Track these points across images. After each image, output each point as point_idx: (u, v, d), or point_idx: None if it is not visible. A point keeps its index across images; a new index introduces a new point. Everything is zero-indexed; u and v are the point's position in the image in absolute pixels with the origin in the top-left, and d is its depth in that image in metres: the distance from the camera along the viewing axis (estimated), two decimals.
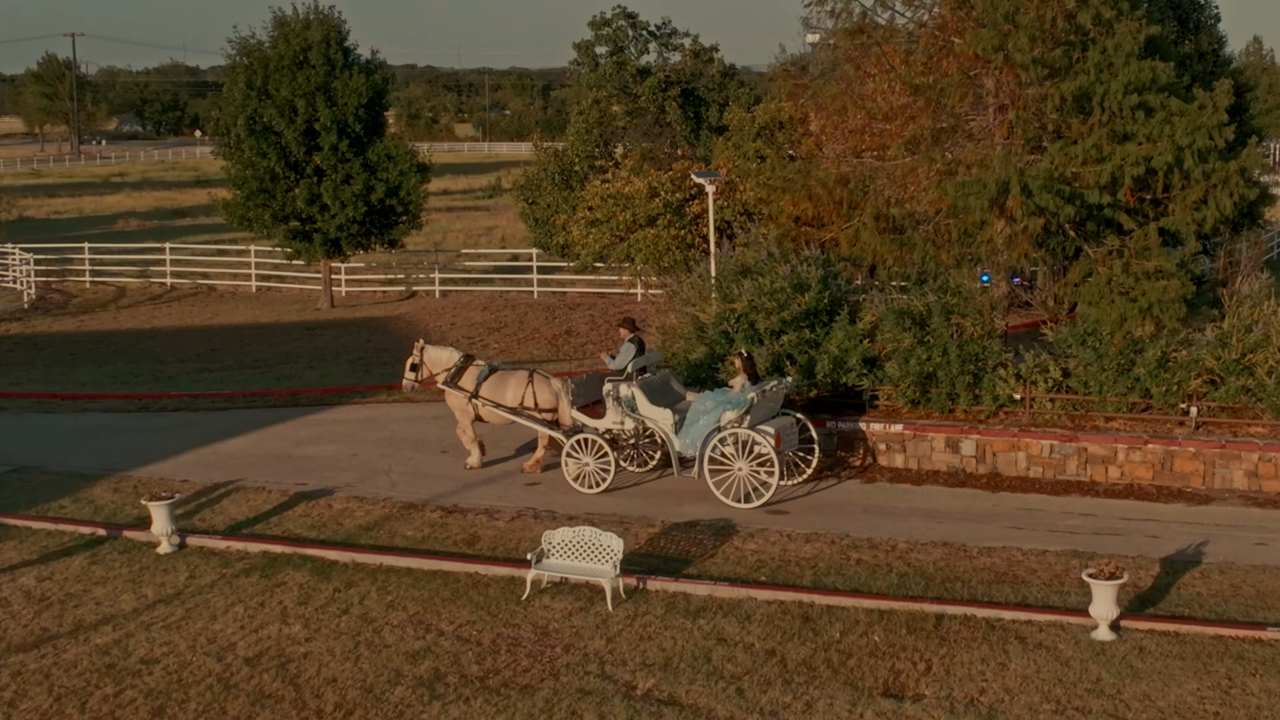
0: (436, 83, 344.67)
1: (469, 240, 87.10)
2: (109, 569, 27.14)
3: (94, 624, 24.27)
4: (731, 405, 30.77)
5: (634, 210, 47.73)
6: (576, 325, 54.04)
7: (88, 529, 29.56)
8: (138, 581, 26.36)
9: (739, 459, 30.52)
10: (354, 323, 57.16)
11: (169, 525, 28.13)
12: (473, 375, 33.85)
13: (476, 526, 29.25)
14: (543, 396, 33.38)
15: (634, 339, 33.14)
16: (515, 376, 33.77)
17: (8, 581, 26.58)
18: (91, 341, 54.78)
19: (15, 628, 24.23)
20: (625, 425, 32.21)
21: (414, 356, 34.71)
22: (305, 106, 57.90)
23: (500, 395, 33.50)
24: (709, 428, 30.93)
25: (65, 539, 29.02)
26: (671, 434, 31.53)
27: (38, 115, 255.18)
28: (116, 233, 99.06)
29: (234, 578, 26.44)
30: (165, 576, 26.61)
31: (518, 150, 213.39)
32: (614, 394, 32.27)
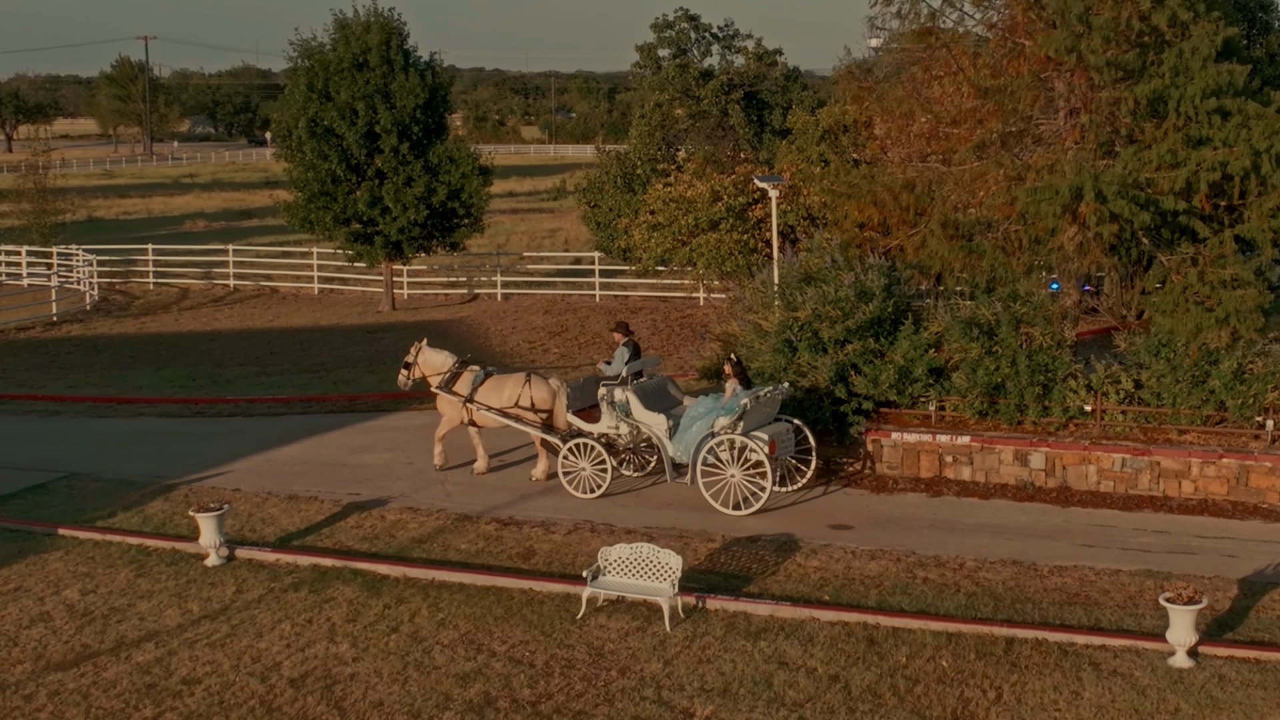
0: (504, 85, 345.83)
1: (532, 242, 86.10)
2: (155, 582, 26.16)
3: (136, 640, 23.31)
4: (724, 411, 30.14)
5: (696, 214, 46.54)
6: (639, 329, 52.68)
7: (135, 540, 28.60)
8: (183, 596, 25.37)
9: (732, 465, 29.87)
10: (415, 326, 56.07)
11: (217, 537, 27.14)
12: (468, 380, 33.17)
13: (532, 540, 28.16)
14: (539, 396, 32.65)
15: (628, 343, 32.85)
16: (512, 379, 33.10)
17: (51, 594, 25.65)
18: (151, 344, 53.95)
19: (56, 644, 23.29)
20: (620, 430, 31.41)
21: (409, 355, 33.93)
22: (366, 109, 56.91)
23: (497, 398, 32.80)
24: (702, 433, 30.32)
25: (112, 550, 28.06)
26: (665, 439, 30.88)
27: (111, 117, 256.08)
28: (184, 233, 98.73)
29: (282, 592, 25.43)
30: (212, 590, 25.61)
31: (583, 152, 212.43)
32: (608, 398, 31.50)
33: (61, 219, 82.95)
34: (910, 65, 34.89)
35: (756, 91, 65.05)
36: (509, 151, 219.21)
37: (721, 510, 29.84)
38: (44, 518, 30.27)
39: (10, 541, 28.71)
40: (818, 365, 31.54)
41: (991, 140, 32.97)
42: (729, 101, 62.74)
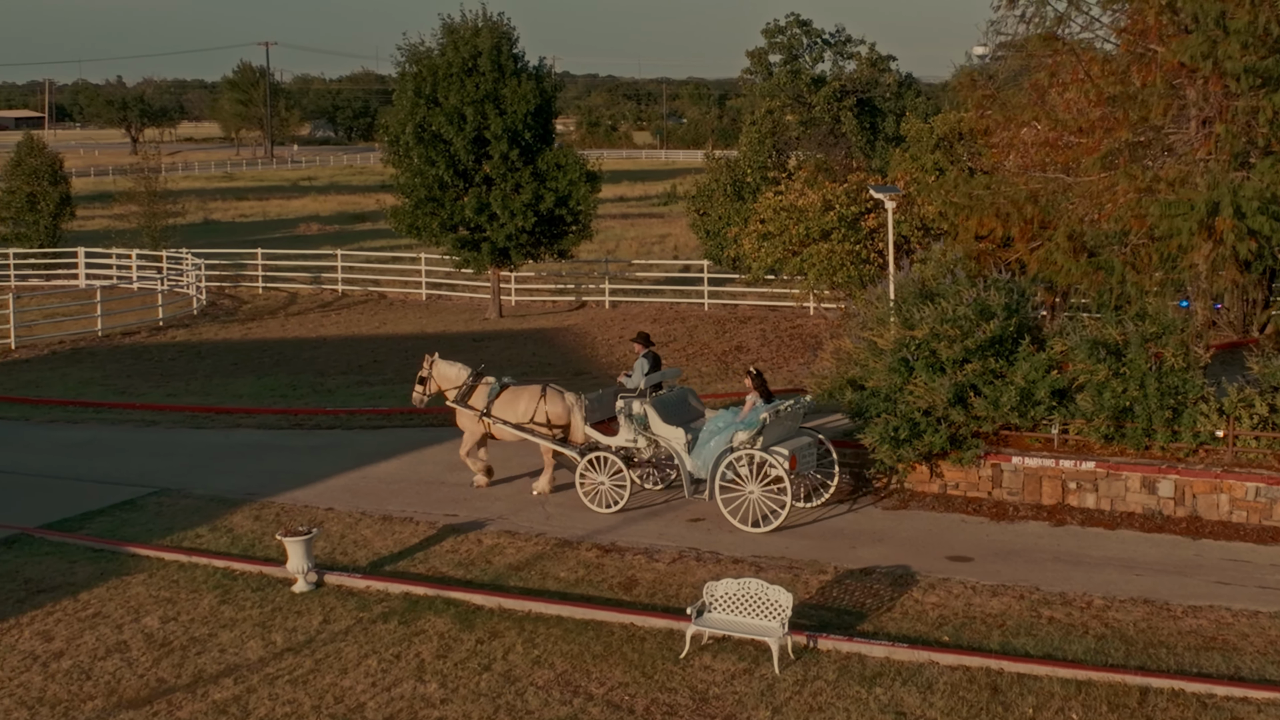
0: (617, 91, 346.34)
1: (641, 248, 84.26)
2: (239, 609, 24.46)
3: (215, 675, 21.65)
4: (744, 425, 28.88)
5: (807, 224, 44.53)
6: (747, 340, 50.83)
7: (221, 562, 26.94)
8: (267, 626, 23.65)
9: (751, 481, 28.58)
10: (521, 334, 54.37)
11: (305, 562, 25.42)
12: (483, 393, 31.73)
13: (634, 568, 26.22)
14: (554, 411, 31.16)
15: (648, 354, 31.59)
16: (527, 392, 31.60)
17: (130, 622, 24.03)
18: (255, 350, 52.48)
19: (130, 678, 21.69)
20: (639, 443, 30.08)
21: (423, 369, 32.43)
22: (474, 114, 55.24)
23: (512, 412, 31.32)
24: (720, 448, 29.00)
25: (197, 573, 26.41)
26: (684, 453, 29.56)
27: (233, 121, 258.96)
28: (297, 236, 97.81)
29: (371, 623, 23.65)
30: (298, 620, 23.88)
31: (693, 158, 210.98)
32: (626, 411, 30.23)
33: (172, 222, 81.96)
34: (1035, 71, 32.77)
35: (869, 98, 62.93)
36: (620, 156, 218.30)
37: (740, 527, 28.47)
38: (130, 536, 28.72)
39: (94, 562, 27.16)
40: (935, 386, 29.41)
41: (1119, 150, 30.78)
42: (841, 108, 60.77)
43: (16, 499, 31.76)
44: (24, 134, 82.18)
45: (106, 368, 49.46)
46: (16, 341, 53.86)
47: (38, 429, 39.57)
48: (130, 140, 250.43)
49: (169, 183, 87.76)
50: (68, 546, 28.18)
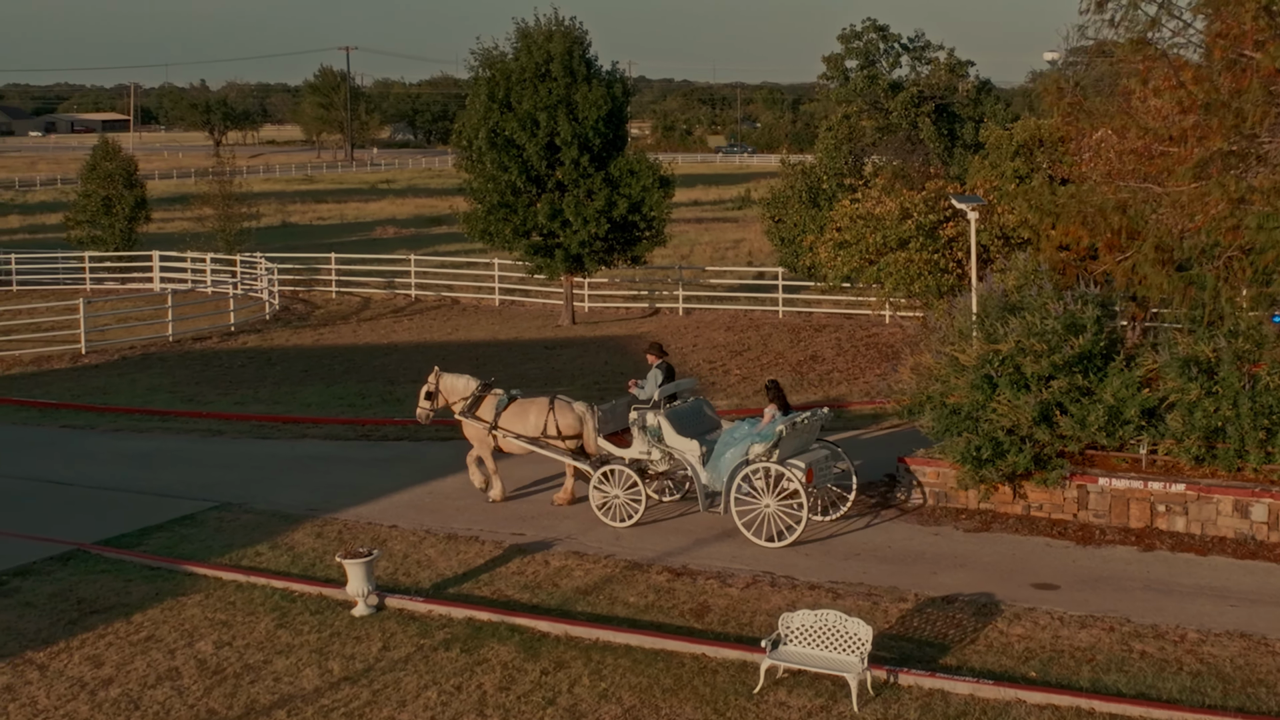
0: (692, 96, 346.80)
1: (715, 253, 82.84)
2: (296, 634, 23.21)
3: (267, 707, 20.42)
4: (760, 438, 27.91)
5: (884, 232, 43.00)
6: (822, 350, 49.34)
7: (280, 583, 25.70)
8: (324, 653, 22.38)
9: (766, 494, 27.63)
10: (594, 341, 53.05)
11: (366, 585, 24.17)
12: (491, 405, 30.80)
13: (707, 594, 24.82)
14: (565, 422, 30.21)
15: (662, 365, 30.66)
16: (536, 404, 30.63)
17: (184, 647, 22.82)
18: (326, 357, 51.27)
19: (180, 709, 20.50)
20: (652, 455, 29.21)
21: (429, 384, 31.48)
22: (547, 120, 53.94)
23: (521, 424, 30.33)
24: (736, 460, 28.03)
25: (255, 594, 25.18)
26: (698, 466, 28.61)
27: (314, 124, 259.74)
28: (373, 240, 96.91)
29: (432, 651, 22.36)
30: (356, 647, 22.60)
31: (767, 162, 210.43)
32: (640, 423, 29.30)
33: (249, 225, 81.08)
34: (1123, 77, 31.16)
35: (947, 104, 61.26)
36: (695, 160, 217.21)
37: (755, 541, 27.47)
38: (188, 554, 27.56)
39: (149, 581, 25.99)
40: (1019, 404, 27.88)
41: (1211, 159, 29.12)
42: (919, 114, 59.11)
43: (76, 513, 30.72)
44: (99, 138, 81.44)
45: (175, 374, 48.44)
46: (87, 346, 52.89)
47: (102, 438, 38.57)
48: (213, 143, 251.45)
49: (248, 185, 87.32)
50: (124, 564, 27.05)
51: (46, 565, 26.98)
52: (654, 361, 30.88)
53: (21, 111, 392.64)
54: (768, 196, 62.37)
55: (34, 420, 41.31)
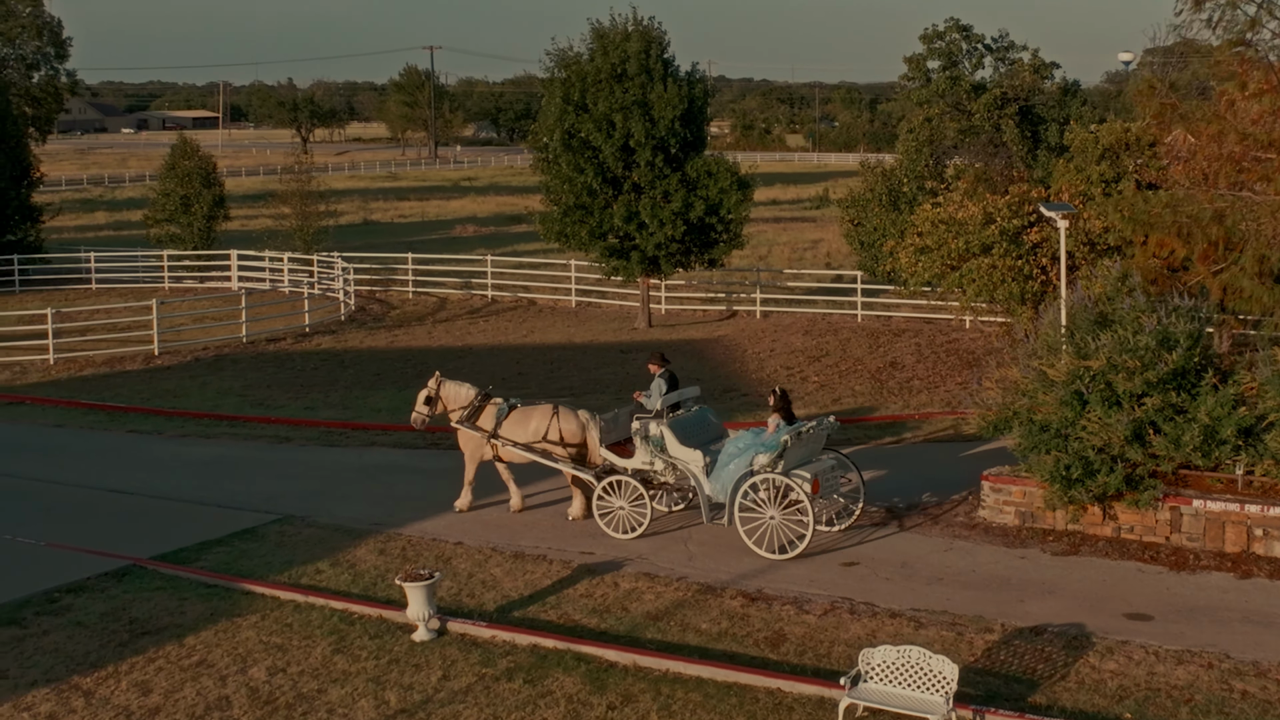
0: (771, 95, 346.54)
1: (793, 254, 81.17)
2: (353, 660, 21.77)
3: None
4: (764, 448, 26.85)
5: (967, 238, 41.24)
6: (902, 356, 47.61)
7: (339, 604, 24.28)
8: (381, 682, 20.94)
9: (771, 506, 26.51)
10: (670, 345, 51.47)
11: (427, 609, 22.71)
12: (491, 413, 29.53)
13: (783, 621, 23.22)
14: (568, 429, 29.05)
15: (665, 373, 29.59)
16: (539, 411, 29.50)
17: (235, 673, 21.41)
18: (399, 360, 49.90)
19: None
20: (655, 466, 28.05)
21: (429, 389, 30.20)
22: (623, 121, 52.45)
23: (523, 432, 29.09)
24: (740, 471, 26.95)
25: (313, 616, 23.78)
26: (702, 477, 27.49)
27: (399, 122, 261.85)
28: (453, 239, 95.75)
29: (493, 681, 20.87)
30: (415, 676, 21.15)
31: (845, 160, 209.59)
32: (643, 433, 28.15)
33: (329, 223, 79.98)
34: (1221, 80, 29.40)
35: (1031, 106, 59.35)
36: (774, 159, 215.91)
37: (761, 554, 26.43)
38: (247, 571, 26.20)
39: (205, 600, 24.64)
40: (1111, 422, 26.16)
41: None
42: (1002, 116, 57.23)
43: (135, 524, 29.48)
44: (178, 136, 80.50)
45: (247, 376, 47.24)
46: (160, 347, 51.80)
47: (168, 444, 37.34)
48: (300, 140, 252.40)
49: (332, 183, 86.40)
50: (180, 581, 25.72)
51: (101, 581, 25.70)
52: (656, 370, 29.71)
53: (115, 109, 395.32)
54: (846, 198, 60.60)
55: (102, 424, 40.19)
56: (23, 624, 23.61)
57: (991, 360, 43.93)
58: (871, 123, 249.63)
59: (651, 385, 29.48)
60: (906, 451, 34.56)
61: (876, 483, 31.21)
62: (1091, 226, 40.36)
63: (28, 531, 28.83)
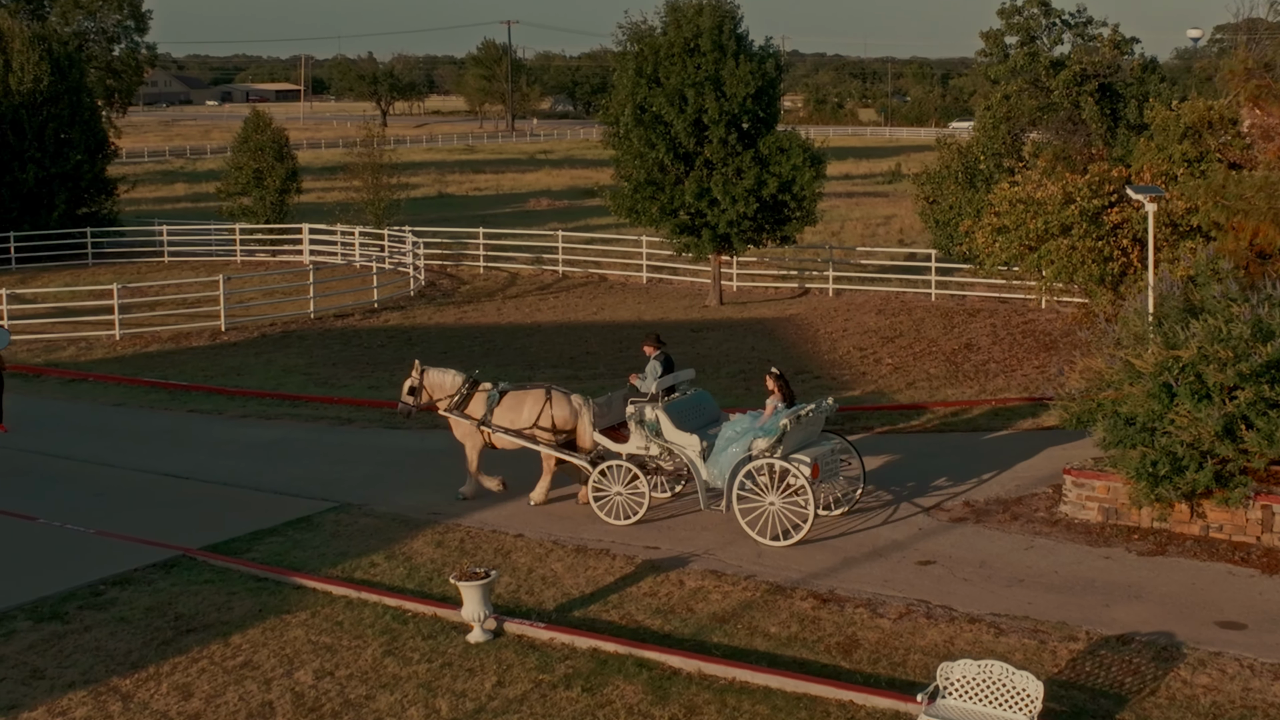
0: (843, 70, 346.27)
1: (866, 230, 79.33)
2: (404, 663, 20.34)
3: None
4: (762, 432, 25.66)
5: (1046, 218, 39.44)
6: (977, 337, 45.80)
7: (393, 601, 22.83)
8: (433, 688, 19.49)
9: (770, 492, 25.39)
10: (741, 324, 49.88)
11: (482, 609, 21.25)
12: (481, 400, 28.16)
13: (855, 625, 21.60)
14: (560, 415, 27.81)
15: (660, 356, 28.12)
16: (531, 396, 28.19)
17: (281, 676, 20.02)
18: (467, 337, 48.44)
19: None
20: (651, 450, 26.81)
21: (412, 379, 28.78)
22: (695, 96, 50.80)
23: (516, 418, 27.71)
24: (738, 456, 25.75)
25: (365, 614, 22.35)
26: (698, 462, 26.30)
27: (477, 95, 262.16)
28: (526, 212, 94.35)
29: (550, 689, 19.38)
30: (468, 682, 19.69)
31: (917, 135, 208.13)
32: (638, 417, 26.89)
33: (402, 196, 78.65)
34: None
35: (1111, 83, 57.24)
36: (847, 133, 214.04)
37: (760, 541, 25.32)
38: (299, 563, 24.82)
39: (254, 595, 23.27)
40: (1201, 416, 24.39)
41: None
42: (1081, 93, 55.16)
43: (188, 511, 28.16)
44: (251, 109, 79.36)
45: (313, 354, 45.90)
46: (227, 323, 50.57)
47: (227, 425, 36.03)
48: (380, 113, 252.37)
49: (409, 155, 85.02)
50: (230, 573, 24.35)
51: (148, 573, 24.38)
52: (651, 353, 28.21)
53: (200, 82, 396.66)
54: (920, 173, 58.66)
55: (163, 403, 38.94)
56: (65, 619, 22.32)
57: (1068, 342, 42.23)
58: (943, 98, 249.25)
59: (646, 368, 28.09)
60: (982, 440, 32.83)
61: (952, 474, 29.63)
62: (1174, 208, 38.48)
63: (79, 518, 27.56)
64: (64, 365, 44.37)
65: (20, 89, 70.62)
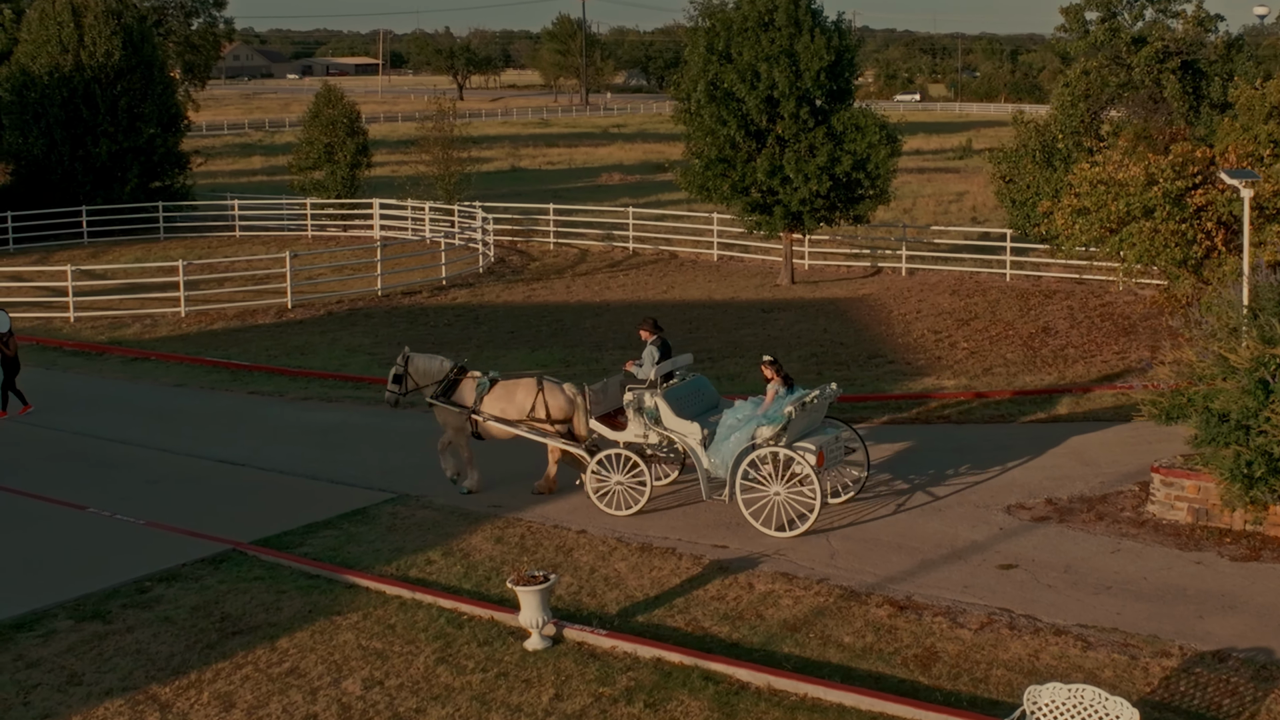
0: (913, 45, 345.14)
1: (939, 207, 77.34)
2: (458, 672, 18.89)
3: None
4: (766, 420, 24.38)
5: (1128, 199, 37.51)
6: (1054, 320, 43.87)
7: (449, 602, 21.36)
8: (487, 701, 18.03)
9: (775, 481, 24.17)
10: (813, 304, 48.16)
11: (541, 615, 19.78)
12: (470, 387, 26.67)
13: (934, 636, 19.96)
14: (555, 404, 26.44)
15: (657, 341, 26.40)
16: (523, 385, 26.86)
17: (328, 685, 18.63)
18: (535, 316, 46.84)
19: None
20: (650, 439, 25.55)
21: (398, 366, 27.24)
22: (768, 71, 49.03)
23: (507, 407, 26.26)
24: (741, 445, 24.50)
25: (419, 616, 20.89)
26: (699, 450, 25.01)
27: (552, 70, 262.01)
28: (598, 187, 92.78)
29: (611, 703, 17.90)
30: (524, 695, 18.21)
31: (986, 110, 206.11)
32: (635, 404, 25.56)
33: (473, 169, 77.15)
34: None
35: (1194, 61, 55.05)
36: (916, 108, 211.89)
37: (764, 532, 24.06)
38: (353, 559, 23.42)
39: (305, 593, 21.87)
40: None
41: None
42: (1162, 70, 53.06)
43: (241, 501, 26.83)
44: (323, 84, 77.99)
45: (379, 332, 44.45)
46: (294, 300, 49.24)
47: (287, 408, 34.66)
48: (457, 87, 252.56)
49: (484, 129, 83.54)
50: (280, 570, 22.97)
51: (196, 569, 23.02)
52: (648, 338, 26.54)
53: (281, 55, 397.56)
54: (996, 149, 56.55)
55: (224, 384, 37.63)
56: (107, 618, 20.98)
57: (1147, 327, 40.42)
58: (1013, 73, 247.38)
59: (644, 353, 26.45)
60: (1063, 431, 30.99)
61: (1031, 467, 27.93)
62: (1261, 190, 36.50)
63: (130, 508, 26.26)
64: (127, 343, 43.17)
65: (92, 63, 69.47)
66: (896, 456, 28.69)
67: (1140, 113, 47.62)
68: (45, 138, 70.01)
